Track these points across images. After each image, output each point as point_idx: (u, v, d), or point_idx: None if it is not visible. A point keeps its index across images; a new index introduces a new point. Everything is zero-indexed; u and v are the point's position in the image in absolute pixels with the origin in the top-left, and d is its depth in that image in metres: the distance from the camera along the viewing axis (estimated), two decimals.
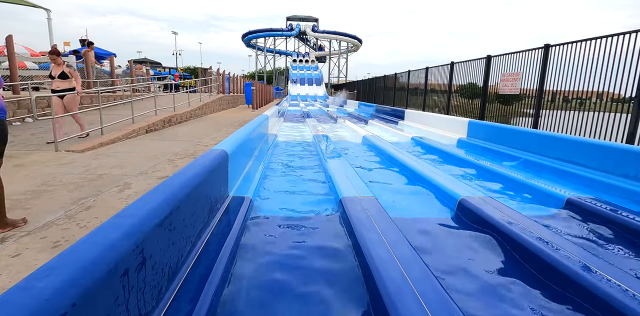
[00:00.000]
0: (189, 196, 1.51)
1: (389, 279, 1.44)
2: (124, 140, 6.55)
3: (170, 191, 1.39)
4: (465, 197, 2.69)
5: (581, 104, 5.98)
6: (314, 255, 1.84)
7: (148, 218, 1.12)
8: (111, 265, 0.85)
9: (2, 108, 2.50)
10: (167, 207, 1.26)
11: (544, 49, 6.82)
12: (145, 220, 1.10)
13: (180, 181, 1.53)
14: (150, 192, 1.34)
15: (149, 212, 1.15)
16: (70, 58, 10.42)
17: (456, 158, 4.58)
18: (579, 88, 5.93)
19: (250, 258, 1.74)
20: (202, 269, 1.48)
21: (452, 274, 1.76)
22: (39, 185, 3.60)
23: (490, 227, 2.28)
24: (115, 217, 1.10)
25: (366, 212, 2.22)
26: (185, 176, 1.60)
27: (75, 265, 0.78)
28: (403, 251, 1.72)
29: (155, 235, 1.13)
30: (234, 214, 2.16)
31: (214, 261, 1.56)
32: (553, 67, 6.59)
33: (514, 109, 8.11)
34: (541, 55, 6.92)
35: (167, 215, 1.22)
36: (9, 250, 2.23)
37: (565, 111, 6.16)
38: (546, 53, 6.81)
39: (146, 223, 1.10)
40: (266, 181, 3.24)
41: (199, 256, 1.57)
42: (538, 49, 6.95)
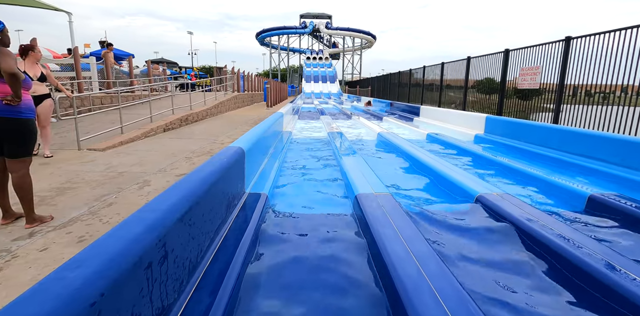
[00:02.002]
0: (208, 192, 1.54)
1: (405, 275, 1.44)
2: (143, 139, 6.70)
3: (190, 187, 1.42)
4: (483, 193, 2.65)
5: (604, 98, 5.79)
6: (330, 252, 1.85)
7: (169, 213, 1.15)
8: (136, 258, 0.89)
9: (31, 108, 2.59)
10: (186, 202, 1.29)
11: (565, 41, 6.62)
12: (166, 215, 1.14)
13: (198, 177, 1.56)
14: (170, 188, 1.37)
15: (170, 207, 1.18)
16: (90, 59, 10.70)
17: (473, 154, 4.51)
18: (602, 82, 5.74)
19: (267, 254, 1.77)
20: (221, 264, 1.51)
21: (470, 271, 1.75)
22: (63, 183, 3.73)
23: (509, 223, 2.24)
24: (138, 211, 1.13)
25: (382, 209, 2.22)
26: (203, 173, 1.63)
27: (103, 257, 0.82)
28: (419, 247, 1.71)
29: (176, 229, 1.16)
30: (251, 210, 2.19)
31: (232, 256, 1.59)
32: (575, 60, 6.39)
33: (532, 104, 7.92)
34: (562, 48, 6.72)
35: (187, 210, 1.26)
36: (37, 245, 2.32)
37: (587, 105, 5.97)
38: (567, 46, 6.61)
39: (168, 218, 1.13)
40: (281, 178, 3.26)
41: (218, 251, 1.60)
42: (559, 42, 6.75)
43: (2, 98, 2.39)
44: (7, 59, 2.32)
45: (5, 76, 2.30)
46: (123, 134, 6.48)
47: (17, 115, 2.46)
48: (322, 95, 30.03)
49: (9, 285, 1.86)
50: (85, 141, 5.67)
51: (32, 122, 2.57)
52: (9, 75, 2.28)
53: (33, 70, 4.54)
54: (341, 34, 43.28)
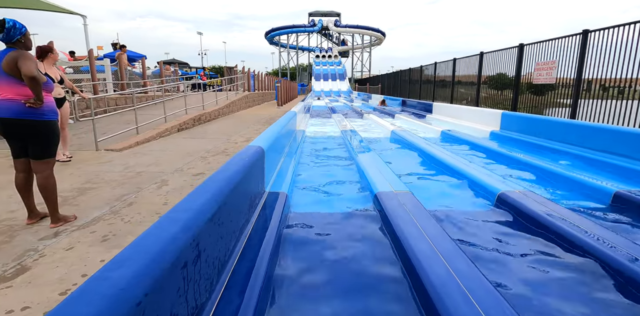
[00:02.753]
0: (233, 192, 1.54)
1: (434, 275, 1.42)
2: (158, 139, 6.78)
3: (217, 187, 1.42)
4: (504, 190, 2.60)
5: (620, 92, 5.66)
6: (354, 250, 1.84)
7: (201, 213, 1.16)
8: (174, 258, 0.89)
9: (54, 110, 2.64)
10: (215, 202, 1.29)
11: (582, 35, 6.47)
12: (198, 215, 1.14)
13: (224, 177, 1.56)
14: (199, 188, 1.38)
15: (201, 207, 1.19)
16: (105, 61, 10.86)
17: (491, 151, 4.44)
18: (620, 76, 5.59)
19: (292, 253, 1.77)
20: (248, 262, 1.51)
21: (496, 270, 1.72)
22: (83, 183, 3.80)
23: (533, 221, 2.20)
24: (171, 211, 1.14)
25: (403, 207, 2.20)
26: (228, 172, 1.63)
27: (144, 257, 0.82)
28: (445, 246, 1.69)
29: (208, 229, 1.17)
30: (272, 209, 2.19)
31: (258, 255, 1.59)
32: (592, 54, 6.23)
33: (546, 99, 7.78)
34: (580, 42, 6.57)
35: (216, 210, 1.26)
36: (62, 244, 2.37)
37: (603, 100, 5.83)
38: (585, 39, 6.46)
39: (200, 218, 1.13)
40: (299, 177, 3.26)
41: (244, 251, 1.60)
42: (575, 35, 6.60)
43: (25, 101, 2.44)
44: (28, 62, 2.36)
45: (25, 79, 2.34)
46: (139, 135, 6.57)
47: (40, 118, 2.51)
48: (332, 93, 29.97)
49: (38, 283, 1.90)
50: (103, 142, 5.77)
51: (54, 124, 2.62)
52: (29, 78, 2.32)
53: (52, 72, 4.62)
54: (350, 32, 43.10)
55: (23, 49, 2.50)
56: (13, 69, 2.38)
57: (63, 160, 4.74)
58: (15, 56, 2.37)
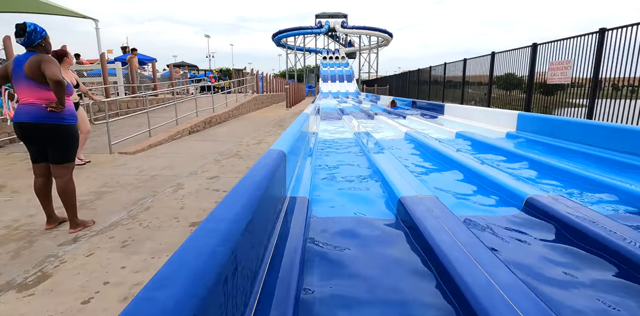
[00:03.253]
0: (262, 198, 1.49)
1: (476, 286, 1.35)
2: (170, 142, 6.78)
3: (248, 194, 1.37)
4: (533, 195, 2.51)
5: (633, 92, 5.53)
6: (385, 259, 1.77)
7: (236, 222, 1.10)
8: (216, 274, 0.84)
9: (74, 114, 2.62)
10: (249, 210, 1.24)
11: (599, 33, 6.33)
12: (233, 225, 1.09)
13: (253, 183, 1.51)
14: (230, 195, 1.33)
15: (236, 216, 1.13)
16: (117, 65, 10.95)
17: (510, 153, 4.34)
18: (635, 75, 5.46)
19: (321, 262, 1.71)
20: (278, 273, 1.45)
21: (534, 278, 1.64)
22: (100, 187, 3.78)
23: (568, 227, 2.11)
24: (207, 221, 1.09)
25: (431, 213, 2.13)
26: (256, 178, 1.58)
27: (187, 274, 0.77)
28: (482, 254, 1.61)
29: (243, 239, 1.11)
30: (296, 215, 2.13)
31: (287, 264, 1.53)
32: (609, 53, 6.10)
33: (556, 99, 7.68)
34: (596, 41, 6.43)
35: (250, 219, 1.21)
36: (82, 250, 2.34)
37: (617, 100, 5.72)
38: (602, 38, 6.32)
39: (236, 228, 1.08)
40: (317, 180, 3.20)
41: (272, 260, 1.55)
42: (592, 34, 6.47)
43: (46, 105, 2.42)
44: (52, 66, 2.35)
45: (50, 83, 2.32)
46: (151, 137, 6.58)
47: (61, 122, 2.49)
48: (339, 94, 29.90)
49: (60, 291, 1.87)
50: (116, 145, 5.78)
51: (74, 128, 2.60)
52: (54, 82, 2.30)
53: (68, 76, 4.63)
54: (357, 33, 43.01)
55: (43, 53, 2.49)
56: (35, 73, 2.37)
57: (78, 163, 4.74)
58: (38, 60, 2.36)
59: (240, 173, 4.31)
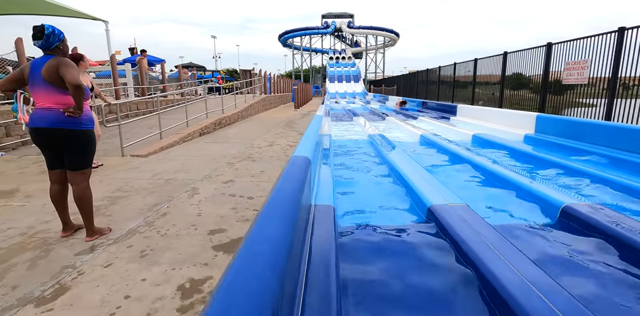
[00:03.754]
0: (298, 212, 1.39)
1: (534, 311, 1.23)
2: (181, 144, 6.73)
3: (284, 207, 1.27)
4: (569, 203, 2.38)
5: None
6: (422, 272, 1.66)
7: (280, 243, 1.01)
8: (271, 310, 0.74)
9: (91, 119, 2.54)
10: (288, 228, 1.14)
11: (618, 32, 6.17)
12: (278, 246, 0.99)
13: (286, 195, 1.41)
14: (266, 211, 1.23)
15: (279, 237, 1.03)
16: (126, 66, 10.94)
17: (534, 157, 4.19)
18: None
19: (359, 281, 1.60)
20: (315, 293, 1.35)
21: (588, 298, 1.52)
22: (114, 191, 3.72)
23: (612, 239, 1.98)
24: (249, 242, 0.99)
25: (466, 223, 2.01)
26: (290, 189, 1.48)
27: (241, 313, 0.67)
28: (531, 272, 1.50)
29: (288, 263, 1.01)
30: (324, 226, 2.03)
31: (323, 283, 1.43)
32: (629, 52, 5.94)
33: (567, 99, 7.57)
34: (615, 40, 6.26)
35: (291, 238, 1.11)
36: (100, 260, 2.26)
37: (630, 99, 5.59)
38: (621, 37, 6.15)
39: (280, 251, 0.98)
40: (339, 187, 3.10)
41: (307, 278, 1.45)
42: (611, 33, 6.31)
43: (63, 109, 2.35)
44: (71, 70, 2.27)
45: (70, 88, 2.24)
46: (162, 140, 6.52)
47: (79, 127, 2.42)
48: (346, 95, 29.77)
49: (80, 306, 1.78)
50: (128, 147, 5.73)
51: (92, 133, 2.53)
52: (74, 87, 2.23)
53: (84, 80, 4.58)
54: (364, 33, 42.84)
55: (61, 56, 2.42)
56: (53, 77, 2.30)
57: None
58: (56, 64, 2.28)
59: (255, 177, 4.22)
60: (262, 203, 3.28)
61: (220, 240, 2.52)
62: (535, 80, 8.89)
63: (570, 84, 7.57)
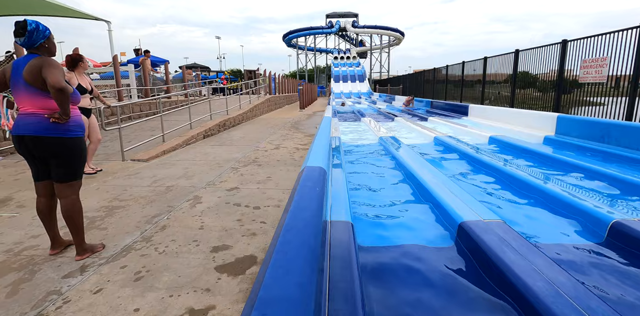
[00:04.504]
0: (316, 236, 1.13)
1: None
2: (184, 147, 6.50)
3: (306, 227, 1.03)
4: (620, 219, 2.10)
5: None
6: (457, 299, 1.40)
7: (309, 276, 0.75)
8: None
9: (80, 125, 2.30)
10: (311, 256, 0.88)
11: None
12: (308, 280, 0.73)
13: (307, 216, 1.16)
14: (285, 232, 0.99)
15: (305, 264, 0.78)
16: (129, 67, 10.76)
17: (561, 162, 3.88)
18: None
19: (386, 309, 1.34)
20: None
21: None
22: (111, 200, 3.48)
23: None
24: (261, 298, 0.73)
25: (507, 244, 1.74)
26: (307, 212, 1.23)
27: None
28: (580, 294, 1.23)
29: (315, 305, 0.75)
30: (342, 248, 1.76)
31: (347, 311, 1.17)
32: None
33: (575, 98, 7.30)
34: (637, 36, 5.94)
35: (319, 264, 0.85)
36: (89, 283, 2.01)
37: None
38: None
39: (306, 304, 0.72)
40: (355, 198, 2.83)
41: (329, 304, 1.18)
42: (631, 29, 5.99)
43: (49, 115, 2.11)
44: (55, 71, 2.03)
45: (52, 91, 2.00)
46: (165, 143, 6.29)
47: (65, 134, 2.17)
48: (352, 95, 29.48)
49: None
50: (129, 151, 5.50)
51: (81, 141, 2.28)
52: (56, 90, 1.98)
53: (84, 81, 4.37)
54: (368, 32, 42.51)
55: (47, 55, 2.18)
56: (36, 79, 2.05)
57: (89, 172, 4.47)
58: (39, 64, 2.04)
59: (261, 184, 3.96)
60: (268, 214, 3.02)
61: (224, 259, 2.26)
62: (548, 78, 8.56)
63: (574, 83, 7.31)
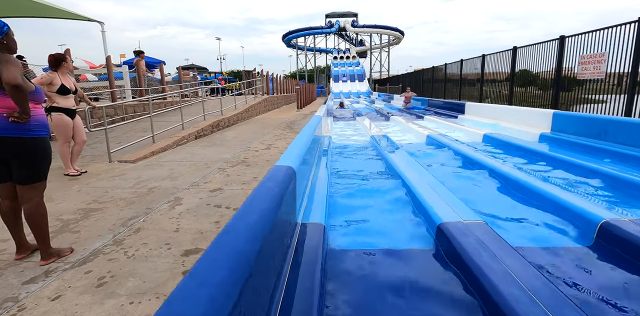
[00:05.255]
0: (270, 235, 1.04)
1: None
2: (175, 147, 6.41)
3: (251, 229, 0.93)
4: (609, 219, 1.98)
5: None
6: (429, 308, 1.29)
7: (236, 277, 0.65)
8: None
9: (43, 124, 2.21)
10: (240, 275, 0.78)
11: (639, 23, 5.72)
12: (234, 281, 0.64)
13: (251, 221, 1.06)
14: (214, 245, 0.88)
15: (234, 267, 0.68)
16: (123, 68, 10.70)
17: (555, 160, 3.77)
18: None
19: None
20: None
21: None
22: (90, 202, 3.39)
23: None
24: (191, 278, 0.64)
25: (486, 248, 1.63)
26: (254, 215, 1.12)
27: None
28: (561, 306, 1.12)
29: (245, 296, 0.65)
30: (309, 249, 1.66)
31: None
32: None
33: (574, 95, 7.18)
34: (635, 30, 5.81)
35: (243, 283, 0.75)
36: (49, 290, 1.91)
37: None
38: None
39: (235, 286, 0.63)
40: (334, 200, 2.72)
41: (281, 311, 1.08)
42: (629, 24, 5.87)
43: (8, 114, 2.02)
44: (11, 67, 1.93)
45: (7, 89, 1.91)
46: (154, 144, 6.21)
47: (27, 134, 2.08)
48: (351, 94, 29.38)
49: None
50: (117, 152, 5.42)
51: (44, 141, 2.19)
52: (11, 87, 1.89)
53: (67, 81, 4.29)
54: (368, 32, 42.36)
55: (5, 52, 2.08)
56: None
57: (73, 174, 4.39)
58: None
59: (246, 185, 3.86)
60: None
61: (193, 263, 2.16)
62: (546, 76, 8.44)
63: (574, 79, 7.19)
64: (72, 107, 4.42)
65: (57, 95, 4.19)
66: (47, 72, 4.27)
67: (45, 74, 4.24)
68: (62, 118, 4.27)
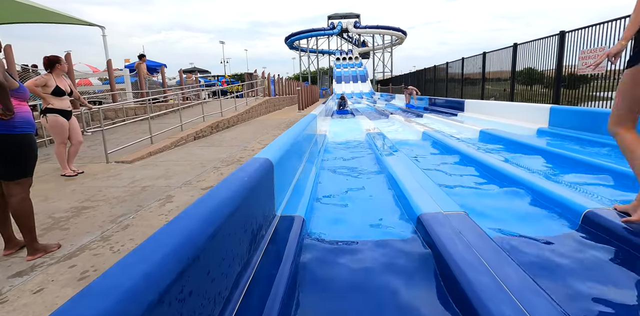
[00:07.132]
0: (226, 223, 1.04)
1: None
2: (173, 148, 6.45)
3: (189, 228, 0.91)
4: (592, 208, 1.96)
5: None
6: (400, 299, 1.29)
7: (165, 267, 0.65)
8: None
9: (29, 121, 2.24)
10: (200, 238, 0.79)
11: None
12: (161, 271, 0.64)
13: (215, 203, 1.07)
14: (165, 227, 0.88)
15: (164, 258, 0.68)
16: (124, 72, 10.82)
17: (549, 153, 3.73)
18: None
19: (312, 308, 1.23)
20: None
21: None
22: (82, 201, 3.42)
23: None
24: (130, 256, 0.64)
25: (460, 237, 1.61)
26: (214, 200, 1.12)
27: None
28: (535, 302, 1.11)
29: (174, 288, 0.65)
30: (284, 241, 1.66)
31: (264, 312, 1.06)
32: None
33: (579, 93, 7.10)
34: None
35: (192, 257, 0.75)
36: (32, 284, 1.94)
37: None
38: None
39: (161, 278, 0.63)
40: (319, 194, 2.72)
41: (241, 304, 1.08)
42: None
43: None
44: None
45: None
46: (152, 144, 6.26)
47: (11, 131, 2.11)
48: (353, 95, 29.37)
49: None
50: (115, 153, 5.47)
51: (29, 138, 2.22)
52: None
53: (62, 83, 4.36)
54: (370, 32, 42.36)
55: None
56: None
57: (70, 174, 4.44)
58: None
59: None
60: None
61: None
62: (547, 72, 8.37)
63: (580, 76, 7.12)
64: (67, 108, 4.47)
65: (52, 96, 4.25)
66: (42, 74, 4.35)
67: (40, 76, 4.31)
68: (57, 119, 4.33)
